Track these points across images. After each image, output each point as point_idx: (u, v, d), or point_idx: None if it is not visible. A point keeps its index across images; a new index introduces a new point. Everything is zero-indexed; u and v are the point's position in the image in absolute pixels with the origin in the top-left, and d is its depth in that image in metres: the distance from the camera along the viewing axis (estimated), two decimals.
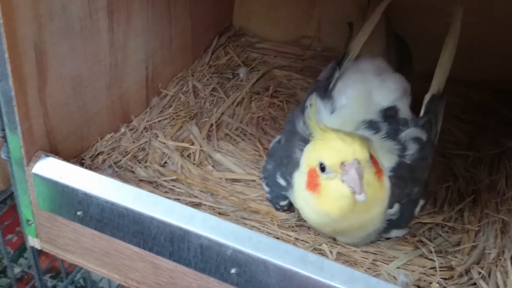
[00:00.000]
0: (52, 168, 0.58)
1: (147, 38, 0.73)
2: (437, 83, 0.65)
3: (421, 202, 0.60)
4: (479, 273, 0.57)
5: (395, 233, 0.60)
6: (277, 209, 0.63)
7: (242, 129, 0.77)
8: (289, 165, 0.60)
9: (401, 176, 0.57)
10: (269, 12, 0.98)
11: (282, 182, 0.61)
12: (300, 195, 0.58)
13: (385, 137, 0.59)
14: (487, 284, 0.56)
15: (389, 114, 0.61)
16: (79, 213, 0.58)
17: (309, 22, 0.97)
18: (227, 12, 0.98)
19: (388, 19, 0.82)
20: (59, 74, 0.59)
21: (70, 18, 0.58)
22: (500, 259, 0.58)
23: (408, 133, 0.59)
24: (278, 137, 0.67)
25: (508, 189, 0.68)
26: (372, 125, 0.59)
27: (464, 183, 0.70)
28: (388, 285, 0.49)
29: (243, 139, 0.75)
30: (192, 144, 0.73)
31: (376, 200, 0.54)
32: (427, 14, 0.86)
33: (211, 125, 0.76)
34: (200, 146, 0.72)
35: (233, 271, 0.53)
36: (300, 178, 0.57)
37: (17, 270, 1.17)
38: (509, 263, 0.58)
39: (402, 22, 0.84)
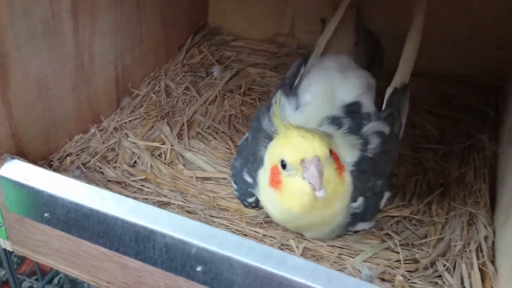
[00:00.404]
0: (18, 170, 0.58)
1: (115, 39, 0.73)
2: (400, 77, 0.65)
3: (387, 195, 0.61)
4: (444, 265, 0.57)
5: (361, 226, 0.60)
6: (245, 206, 0.64)
7: (214, 127, 0.77)
8: (254, 162, 0.60)
9: (363, 170, 0.57)
10: (243, 10, 0.98)
11: (248, 179, 0.62)
12: (264, 192, 0.58)
13: (347, 132, 0.59)
14: (452, 276, 0.56)
15: (352, 109, 0.61)
16: (46, 215, 0.58)
17: (283, 20, 0.97)
18: (201, 10, 0.98)
19: (358, 16, 0.82)
20: (23, 77, 0.59)
21: (33, 20, 0.58)
22: (466, 251, 0.59)
23: (371, 127, 0.59)
24: (246, 135, 0.68)
25: (476, 181, 0.69)
26: (334, 120, 0.60)
27: (433, 177, 0.71)
28: (350, 279, 0.49)
29: (215, 138, 0.75)
30: (163, 143, 0.73)
31: (337, 195, 0.55)
32: (400, 10, 0.87)
33: (183, 124, 0.76)
34: (171, 145, 0.72)
35: (199, 269, 0.53)
36: (264, 175, 0.58)
37: (2, 273, 1.17)
38: (474, 255, 0.58)
39: (376, 19, 0.85)
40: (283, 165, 0.53)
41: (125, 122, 0.75)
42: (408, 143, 0.76)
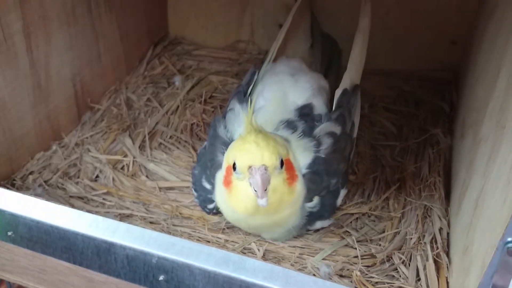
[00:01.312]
0: None
1: (71, 56, 0.73)
2: (348, 78, 0.67)
3: (343, 192, 0.63)
4: (400, 258, 0.59)
5: (319, 224, 0.62)
6: (207, 213, 0.65)
7: (177, 137, 0.78)
8: (212, 167, 0.62)
9: (317, 171, 0.59)
10: (203, 19, 1.00)
11: (207, 185, 0.63)
12: (219, 191, 0.60)
13: (301, 135, 0.61)
14: (408, 268, 0.58)
15: (305, 112, 0.63)
16: (9, 233, 0.59)
17: (242, 27, 0.99)
18: (161, 22, 0.99)
19: (314, 19, 0.84)
20: None
21: None
22: (421, 243, 0.61)
23: (322, 128, 0.61)
24: (205, 143, 0.69)
25: (430, 175, 0.71)
26: (289, 124, 0.61)
27: (390, 173, 0.73)
28: (307, 277, 0.50)
29: (177, 147, 0.77)
30: (125, 156, 0.74)
31: (284, 203, 0.56)
32: (355, 12, 0.89)
33: (145, 135, 0.77)
34: (134, 157, 0.73)
35: (161, 278, 0.54)
36: (220, 175, 0.59)
37: None
38: (428, 246, 0.60)
39: (331, 21, 0.87)
40: (234, 167, 0.55)
41: (87, 137, 0.76)
42: (367, 141, 0.78)
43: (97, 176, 0.70)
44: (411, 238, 0.61)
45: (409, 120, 0.83)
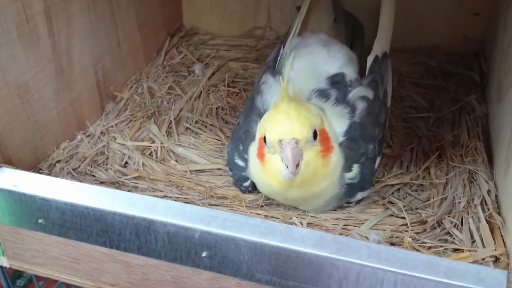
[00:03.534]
0: (6, 178, 0.56)
1: (92, 42, 0.72)
2: (379, 45, 0.65)
3: (378, 159, 0.60)
4: (451, 222, 0.56)
5: (360, 195, 0.60)
6: (242, 192, 0.63)
7: (203, 121, 0.76)
8: (246, 140, 0.60)
9: (353, 138, 0.57)
10: (218, 8, 0.98)
11: (240, 163, 0.61)
12: (253, 164, 0.58)
13: (335, 103, 0.59)
14: (460, 231, 0.56)
15: (336, 80, 0.61)
16: (40, 221, 0.56)
17: (258, 13, 0.97)
18: (175, 13, 0.98)
19: None
20: (2, 83, 0.57)
21: (6, 24, 0.57)
22: (471, 206, 0.58)
23: (355, 93, 0.59)
24: (239, 119, 0.67)
25: (470, 141, 0.69)
26: (322, 93, 0.60)
27: (428, 143, 0.70)
28: (358, 242, 0.48)
29: (204, 131, 0.74)
30: (153, 142, 0.71)
31: (318, 177, 0.54)
32: None
33: (170, 121, 0.75)
34: (161, 143, 0.71)
35: (204, 254, 0.52)
36: (254, 147, 0.57)
37: None
38: (479, 208, 0.58)
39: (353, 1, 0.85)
40: (265, 141, 0.53)
41: (111, 126, 0.74)
42: (399, 115, 0.76)
43: (126, 163, 0.68)
44: (460, 202, 0.59)
45: (439, 93, 0.81)
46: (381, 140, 0.61)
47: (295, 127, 0.51)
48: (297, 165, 0.50)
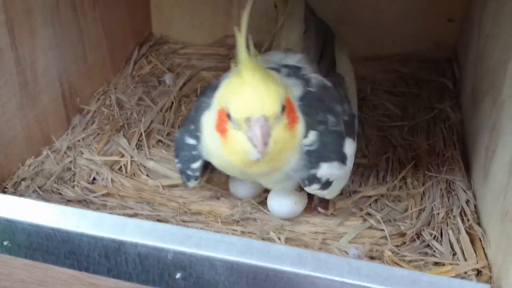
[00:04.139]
0: None
1: (57, 54, 0.69)
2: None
3: (349, 141, 0.55)
4: (431, 234, 0.56)
5: (326, 167, 0.53)
6: (187, 179, 0.57)
7: (174, 133, 0.74)
8: (197, 113, 0.55)
9: (308, 104, 0.53)
10: (188, 16, 0.96)
11: (191, 141, 0.56)
12: (209, 136, 0.53)
13: (288, 75, 0.56)
14: (441, 244, 0.55)
15: (290, 66, 0.59)
16: (5, 243, 0.53)
17: (230, 21, 0.95)
18: (144, 21, 0.95)
19: (307, 5, 0.81)
20: None
21: None
22: (450, 217, 0.58)
23: (312, 76, 0.57)
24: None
25: (446, 149, 0.68)
26: (273, 69, 0.55)
27: (403, 152, 0.69)
28: (338, 259, 0.46)
29: None
30: (122, 156, 0.69)
31: (285, 150, 0.50)
32: None
33: (141, 134, 0.72)
34: (131, 157, 0.69)
35: (178, 276, 0.49)
36: (210, 117, 0.52)
37: None
38: (459, 219, 0.57)
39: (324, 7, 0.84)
40: (229, 116, 0.48)
41: (78, 140, 0.71)
42: (373, 124, 0.75)
43: (94, 179, 0.65)
44: (439, 213, 0.58)
45: (413, 100, 0.80)
46: (349, 122, 0.56)
47: (265, 103, 0.46)
48: (266, 144, 0.46)
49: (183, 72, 0.88)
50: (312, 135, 0.52)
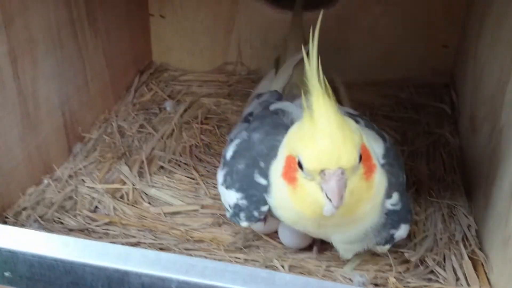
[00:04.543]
0: None
1: (59, 83, 0.69)
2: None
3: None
4: (434, 259, 0.56)
5: (404, 228, 0.51)
6: (249, 219, 0.52)
7: (176, 160, 0.74)
8: (269, 156, 0.50)
9: (392, 163, 0.50)
10: (187, 44, 0.97)
11: (262, 181, 0.51)
12: (276, 185, 0.49)
13: (365, 127, 0.53)
14: (444, 269, 0.55)
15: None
16: (7, 274, 0.53)
17: (229, 48, 0.96)
18: (145, 49, 0.96)
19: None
20: None
21: None
22: (452, 243, 0.58)
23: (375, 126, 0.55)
24: (236, 140, 0.56)
25: (447, 175, 0.68)
26: (350, 116, 0.50)
27: None
28: (343, 286, 0.46)
29: (178, 171, 0.72)
30: (124, 184, 0.69)
31: (361, 202, 0.46)
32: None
33: (142, 161, 0.73)
34: (133, 185, 0.69)
35: None
36: (277, 165, 0.49)
37: None
38: (461, 245, 0.57)
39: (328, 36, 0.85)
40: (300, 165, 0.44)
41: (80, 169, 0.71)
42: None
43: (96, 207, 0.65)
44: (441, 239, 0.58)
45: (411, 125, 0.81)
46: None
47: (342, 154, 0.42)
48: (341, 197, 0.42)
49: (184, 99, 0.89)
50: (396, 196, 0.50)
